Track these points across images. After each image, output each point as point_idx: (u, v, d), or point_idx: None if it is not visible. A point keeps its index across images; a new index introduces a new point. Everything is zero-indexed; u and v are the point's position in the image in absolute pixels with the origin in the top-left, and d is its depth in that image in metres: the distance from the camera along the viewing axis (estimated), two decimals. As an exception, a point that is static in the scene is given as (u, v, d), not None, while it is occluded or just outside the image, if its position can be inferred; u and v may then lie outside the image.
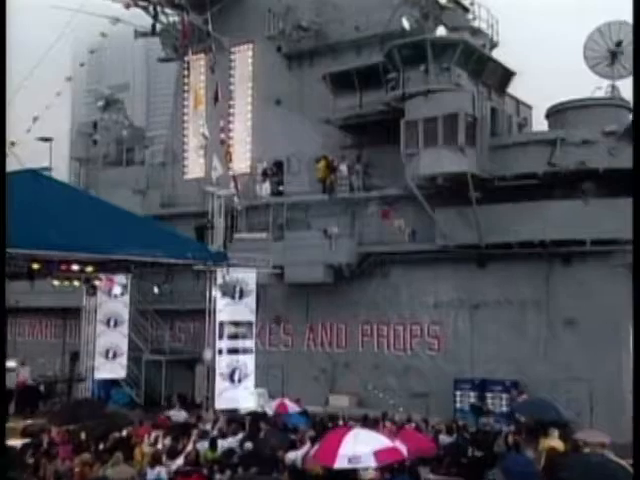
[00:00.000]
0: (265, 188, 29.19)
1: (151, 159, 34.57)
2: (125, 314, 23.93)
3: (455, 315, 25.07)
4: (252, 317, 20.74)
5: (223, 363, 19.82)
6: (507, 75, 27.39)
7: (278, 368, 27.73)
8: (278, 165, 29.58)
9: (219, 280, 18.67)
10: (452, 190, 23.69)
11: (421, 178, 23.91)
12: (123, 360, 23.87)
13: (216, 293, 19.35)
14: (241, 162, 30.42)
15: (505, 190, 23.34)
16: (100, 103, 36.36)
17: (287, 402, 17.77)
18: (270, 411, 17.47)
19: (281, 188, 29.14)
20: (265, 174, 29.31)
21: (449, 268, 25.07)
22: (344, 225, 26.85)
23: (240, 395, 19.89)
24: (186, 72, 31.65)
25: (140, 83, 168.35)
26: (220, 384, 19.58)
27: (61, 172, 35.99)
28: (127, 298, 23.51)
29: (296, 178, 28.91)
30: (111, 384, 26.96)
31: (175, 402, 22.10)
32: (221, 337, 19.77)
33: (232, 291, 19.67)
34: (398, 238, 25.59)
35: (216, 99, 28.41)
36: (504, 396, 23.09)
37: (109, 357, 23.46)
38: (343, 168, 27.32)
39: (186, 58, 29.66)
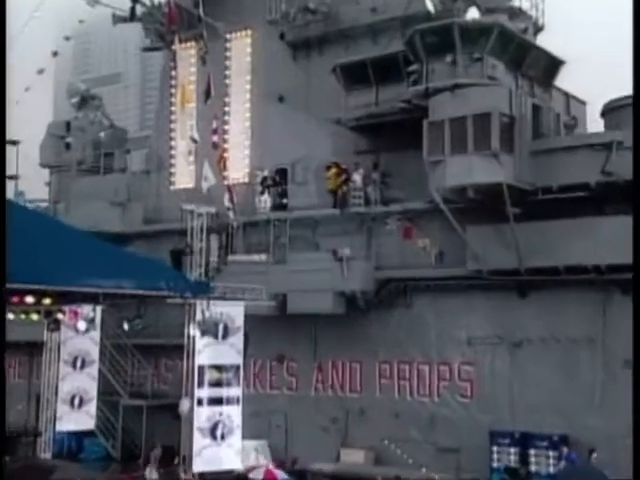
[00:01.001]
0: (265, 201, 29.10)
1: (138, 165, 34.76)
2: (94, 352, 23.75)
3: (491, 354, 24.68)
4: (239, 359, 20.50)
5: (203, 416, 19.45)
6: (554, 65, 26.94)
7: (281, 416, 27.53)
8: (281, 173, 29.47)
9: (198, 316, 18.39)
10: (486, 204, 23.38)
11: (448, 190, 23.65)
12: (91, 408, 23.65)
13: (194, 332, 19.07)
14: (237, 170, 30.37)
15: (550, 204, 22.95)
16: (74, 100, 36.46)
17: (274, 469, 17.37)
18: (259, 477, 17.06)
19: (284, 201, 29.09)
20: (265, 184, 29.22)
21: (484, 297, 24.72)
22: (358, 245, 26.68)
23: (223, 454, 19.52)
24: (173, 63, 31.70)
25: (134, 73, 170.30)
26: (199, 441, 19.23)
27: (33, 180, 36.21)
28: (97, 334, 23.34)
29: (302, 189, 28.81)
30: (84, 434, 26.77)
31: (153, 458, 21.79)
32: (201, 384, 19.46)
33: (214, 329, 19.40)
34: (423, 261, 25.37)
35: (208, 95, 28.66)
36: (551, 454, 22.58)
37: (74, 405, 23.25)
38: (357, 177, 27.14)
39: (173, 47, 29.60)
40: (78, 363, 23.56)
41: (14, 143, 33.40)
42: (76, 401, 23.43)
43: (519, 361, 24.18)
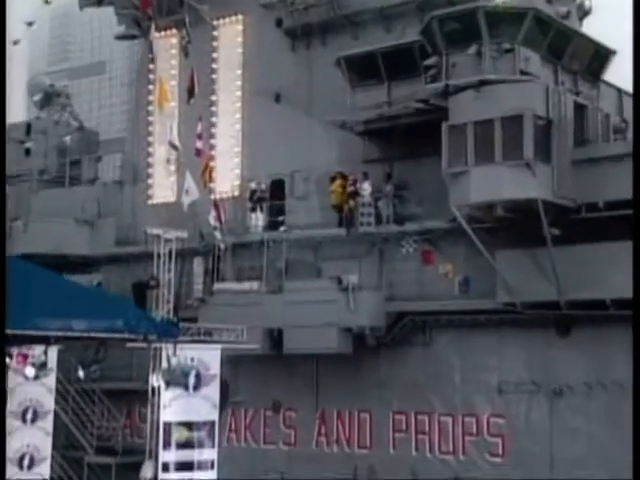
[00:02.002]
0: (258, 218, 29.09)
1: (111, 175, 35.06)
2: (49, 402, 23.47)
3: (527, 404, 24.44)
4: (213, 414, 20.25)
5: (170, 485, 19.21)
6: (603, 55, 26.72)
7: (277, 476, 27.34)
8: (277, 186, 29.47)
9: (163, 364, 18.19)
10: (518, 224, 23.19)
11: (472, 207, 23.51)
12: (44, 468, 23.32)
13: (158, 383, 18.87)
14: (226, 182, 30.43)
15: (596, 224, 22.63)
16: (36, 97, 36.57)
17: None
18: None
19: (280, 218, 29.10)
20: (255, 198, 29.18)
21: (517, 335, 24.56)
22: (368, 272, 26.60)
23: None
24: (150, 55, 31.43)
25: (121, 62, 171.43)
26: (166, 517, 18.99)
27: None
28: (51, 379, 23.10)
29: (301, 204, 28.82)
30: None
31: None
32: (167, 446, 19.20)
33: (183, 379, 19.16)
34: (445, 291, 25.32)
35: (191, 93, 28.75)
36: (600, 518, 22.23)
37: (24, 466, 23.01)
38: (367, 190, 27.00)
39: (150, 36, 29.65)
40: (29, 415, 23.25)
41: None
42: (26, 461, 23.16)
43: (559, 412, 23.89)
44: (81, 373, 20.49)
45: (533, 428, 24.22)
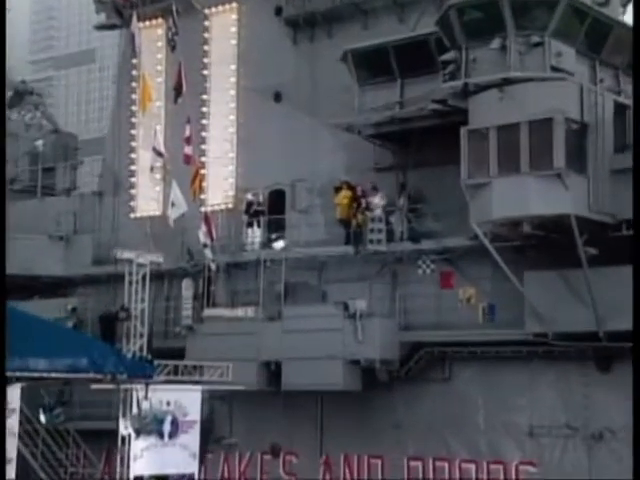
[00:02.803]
0: (255, 234, 29.14)
1: (90, 185, 35.21)
2: (11, 448, 23.30)
3: (562, 449, 24.31)
4: (192, 465, 20.13)
5: None
6: (650, 48, 26.45)
7: (275, 529, 27.38)
8: (277, 197, 29.55)
9: (134, 409, 18.15)
10: (549, 243, 23.15)
11: (495, 224, 23.35)
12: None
13: (127, 430, 18.83)
14: (218, 192, 30.56)
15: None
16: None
17: None
18: None
19: (278, 235, 28.88)
20: (254, 211, 29.19)
21: (550, 371, 24.49)
22: (379, 296, 26.68)
23: None
24: (132, 48, 31.57)
25: (112, 50, 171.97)
26: None
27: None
28: (14, 421, 22.91)
29: (304, 218, 28.92)
30: None
31: None
32: (138, 504, 19.17)
33: (157, 425, 19.10)
34: (466, 319, 25.32)
35: (178, 92, 28.81)
36: None
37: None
38: (377, 202, 27.00)
39: (132, 26, 29.77)
40: (-13, 461, 23.18)
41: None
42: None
43: (599, 459, 23.74)
44: (42, 417, 20.41)
45: (569, 477, 23.97)
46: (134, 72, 32.44)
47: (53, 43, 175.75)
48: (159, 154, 28.48)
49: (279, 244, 27.64)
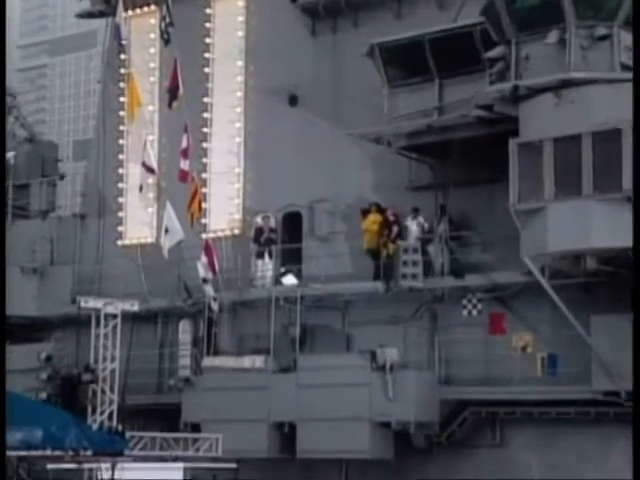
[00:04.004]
0: (266, 267, 29.13)
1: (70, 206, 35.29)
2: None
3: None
4: None
5: None
6: None
7: None
8: (292, 221, 29.64)
9: (100, 495, 18.12)
10: (619, 280, 22.93)
11: (553, 257, 23.22)
12: None
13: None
14: (222, 215, 30.62)
15: None
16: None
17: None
18: None
19: (287, 269, 29.15)
20: (265, 239, 29.17)
21: (623, 436, 23.54)
22: (415, 343, 26.70)
23: None
24: (119, 41, 31.98)
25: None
26: None
27: None
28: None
29: (325, 247, 28.91)
30: None
31: None
32: None
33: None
34: (522, 372, 25.07)
35: (174, 95, 28.80)
36: None
37: None
38: (413, 229, 27.06)
39: (117, 16, 29.97)
40: None
41: None
42: None
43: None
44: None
45: None
46: (122, 70, 32.63)
47: (47, 25, 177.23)
48: (150, 170, 28.51)
49: (289, 279, 27.46)
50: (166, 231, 28.29)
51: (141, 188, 29.89)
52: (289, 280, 28.20)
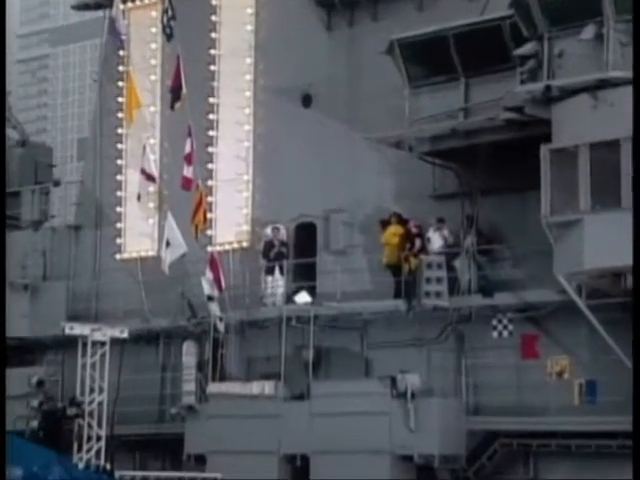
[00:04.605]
0: (275, 284, 29.12)
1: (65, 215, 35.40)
2: None
3: None
4: None
5: None
6: None
7: None
8: (305, 233, 29.66)
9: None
10: None
11: (590, 275, 23.09)
12: None
13: None
14: (229, 226, 30.67)
15: None
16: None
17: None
18: None
19: (299, 286, 29.12)
20: (275, 253, 29.16)
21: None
22: (440, 367, 26.66)
23: None
24: (116, 36, 32.22)
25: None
26: None
27: None
28: None
29: (341, 262, 28.85)
30: None
31: None
32: None
33: None
34: (558, 401, 24.99)
35: (176, 95, 28.76)
36: None
37: None
38: (437, 242, 27.04)
39: (114, 8, 30.04)
40: None
41: None
42: None
43: None
44: None
45: None
46: (121, 67, 32.75)
47: (49, 11, 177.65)
48: (149, 178, 28.46)
49: (302, 297, 27.41)
50: (167, 244, 28.30)
51: (139, 197, 29.87)
52: (302, 298, 28.13)
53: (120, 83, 32.63)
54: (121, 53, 32.56)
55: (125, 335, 23.19)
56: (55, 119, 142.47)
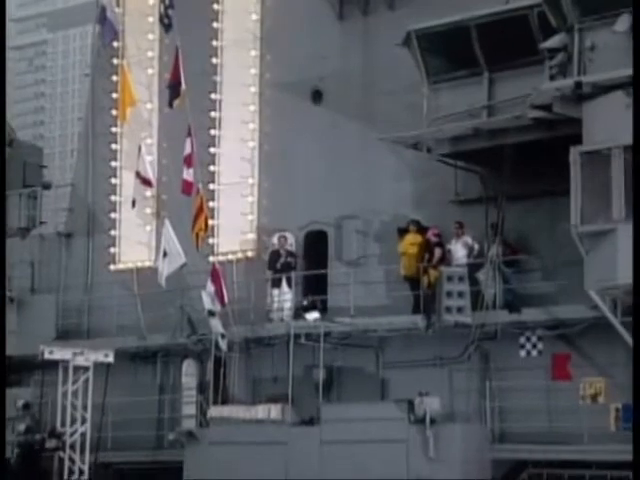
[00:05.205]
0: (282, 297, 29.17)
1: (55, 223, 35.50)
2: None
3: None
4: None
5: None
6: None
7: None
8: (315, 242, 29.74)
9: None
10: None
11: (625, 290, 22.84)
12: None
13: None
14: (233, 234, 30.72)
15: None
16: None
17: None
18: None
19: (312, 300, 29.09)
20: (282, 264, 29.16)
21: None
22: (462, 389, 26.68)
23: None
24: (107, 27, 32.10)
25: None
26: None
27: None
28: None
29: (354, 273, 28.69)
30: None
31: None
32: None
33: None
34: (592, 427, 24.81)
35: (175, 91, 28.77)
36: None
37: None
38: (459, 252, 27.07)
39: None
40: None
41: None
42: None
43: None
44: None
45: None
46: (115, 60, 32.83)
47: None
48: (145, 182, 28.45)
49: (312, 315, 27.39)
50: (164, 255, 28.25)
51: (134, 203, 29.86)
52: (313, 316, 28.04)
53: (114, 77, 32.69)
54: (115, 44, 32.63)
55: (110, 359, 23.10)
56: (53, 110, 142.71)
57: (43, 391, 20.53)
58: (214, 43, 31.35)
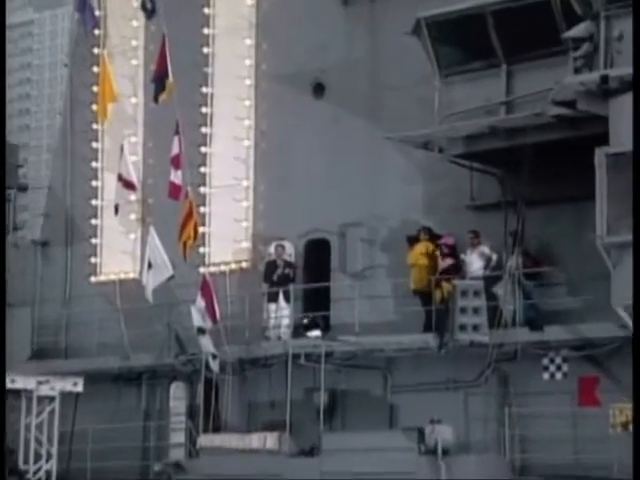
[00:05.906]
0: (279, 313, 29.25)
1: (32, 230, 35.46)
2: None
3: None
4: None
5: None
6: None
7: None
8: (316, 251, 29.80)
9: None
10: None
11: None
12: None
13: None
14: (225, 243, 30.78)
15: None
16: None
17: None
18: None
19: (312, 317, 29.14)
20: (279, 276, 29.23)
21: None
22: (479, 416, 26.66)
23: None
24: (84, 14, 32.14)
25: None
26: None
27: None
28: None
29: (360, 287, 28.71)
30: None
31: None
32: None
33: None
34: (623, 456, 23.79)
35: (161, 85, 28.84)
36: None
37: None
38: (476, 263, 27.14)
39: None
40: None
41: None
42: None
43: None
44: None
45: None
46: (95, 50, 32.95)
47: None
48: (128, 185, 28.48)
49: (313, 333, 27.40)
50: (149, 266, 28.22)
51: (117, 209, 29.85)
52: (314, 334, 28.15)
53: (95, 68, 32.80)
54: (96, 32, 32.70)
55: (79, 389, 23.03)
56: (41, 98, 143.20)
57: (5, 423, 20.34)
58: (205, 31, 31.47)
